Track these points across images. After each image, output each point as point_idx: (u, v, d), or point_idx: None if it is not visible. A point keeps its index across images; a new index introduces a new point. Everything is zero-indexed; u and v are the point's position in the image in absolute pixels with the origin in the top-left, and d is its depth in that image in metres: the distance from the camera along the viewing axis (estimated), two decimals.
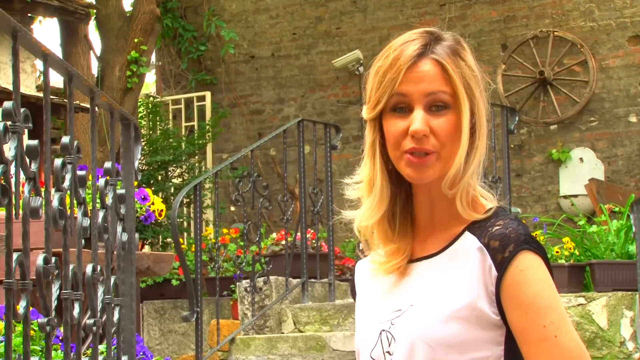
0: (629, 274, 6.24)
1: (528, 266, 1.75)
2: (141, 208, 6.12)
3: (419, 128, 1.75)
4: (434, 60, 1.78)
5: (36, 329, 3.42)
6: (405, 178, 1.82)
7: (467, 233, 1.81)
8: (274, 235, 7.95)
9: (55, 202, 2.32)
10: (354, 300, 1.99)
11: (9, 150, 2.10)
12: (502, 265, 1.75)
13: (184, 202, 9.85)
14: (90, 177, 2.72)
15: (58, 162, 2.38)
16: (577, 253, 6.70)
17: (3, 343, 3.34)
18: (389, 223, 1.86)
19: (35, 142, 2.18)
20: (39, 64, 7.75)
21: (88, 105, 4.35)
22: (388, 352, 1.80)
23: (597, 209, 8.04)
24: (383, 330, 1.82)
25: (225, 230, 8.87)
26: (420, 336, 1.76)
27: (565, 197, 9.99)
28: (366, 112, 1.82)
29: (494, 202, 1.85)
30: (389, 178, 1.84)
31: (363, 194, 1.86)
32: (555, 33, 10.20)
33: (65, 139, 2.44)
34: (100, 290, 2.81)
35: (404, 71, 1.77)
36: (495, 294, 1.75)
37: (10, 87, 6.20)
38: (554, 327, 1.73)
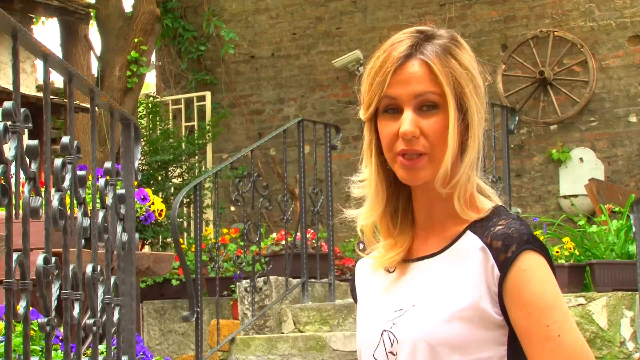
0: (629, 274, 6.24)
1: (531, 266, 1.75)
2: (141, 208, 6.12)
3: (407, 129, 1.76)
4: (422, 61, 1.78)
5: (36, 329, 3.42)
6: None
7: (468, 232, 1.80)
8: (274, 235, 7.95)
9: (55, 202, 2.31)
10: (354, 300, 1.99)
11: (9, 150, 2.10)
12: (504, 265, 1.75)
13: (184, 202, 9.84)
14: (90, 177, 2.71)
15: (58, 162, 2.37)
16: (577, 253, 6.69)
17: (3, 343, 3.34)
18: (392, 220, 1.87)
19: (35, 142, 2.18)
20: (39, 64, 7.75)
21: (88, 105, 4.36)
22: (391, 353, 1.80)
23: (597, 209, 8.04)
24: (385, 331, 1.81)
25: (225, 230, 8.87)
26: (423, 336, 1.76)
27: (565, 197, 9.99)
28: (362, 113, 1.83)
29: (496, 200, 1.85)
30: (389, 177, 1.84)
31: (366, 192, 1.87)
32: (555, 33, 10.20)
33: (65, 139, 2.44)
34: (100, 290, 2.81)
35: (391, 73, 1.77)
36: (497, 294, 1.75)
37: (10, 87, 6.20)
38: (557, 326, 1.72)
